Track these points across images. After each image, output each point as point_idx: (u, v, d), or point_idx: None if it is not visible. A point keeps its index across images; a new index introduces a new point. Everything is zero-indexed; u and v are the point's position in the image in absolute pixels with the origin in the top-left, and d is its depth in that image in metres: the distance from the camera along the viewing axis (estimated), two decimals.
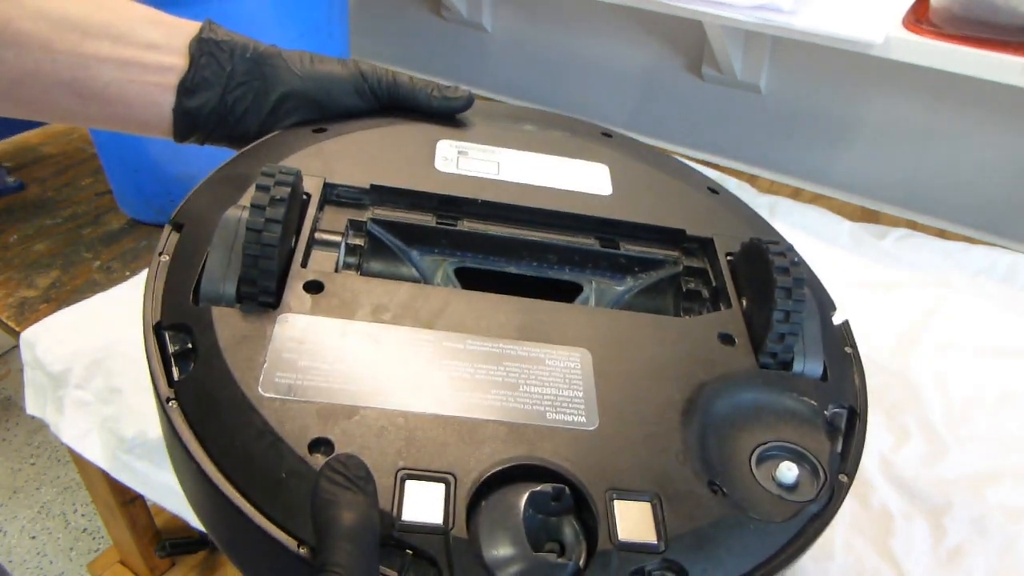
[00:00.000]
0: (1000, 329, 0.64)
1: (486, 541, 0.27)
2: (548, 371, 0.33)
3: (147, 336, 0.31)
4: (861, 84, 0.84)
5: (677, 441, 0.31)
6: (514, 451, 0.29)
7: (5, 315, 0.68)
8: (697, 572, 0.28)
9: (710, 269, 0.41)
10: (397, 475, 0.28)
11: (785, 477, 0.31)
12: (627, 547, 0.27)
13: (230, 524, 0.28)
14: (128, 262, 0.75)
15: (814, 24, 0.68)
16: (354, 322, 0.32)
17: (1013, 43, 0.64)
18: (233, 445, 0.28)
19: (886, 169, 0.88)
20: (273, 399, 0.29)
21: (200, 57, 0.40)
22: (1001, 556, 0.47)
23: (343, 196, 0.39)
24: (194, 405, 0.29)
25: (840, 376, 0.36)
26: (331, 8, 0.81)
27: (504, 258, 0.41)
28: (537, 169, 0.44)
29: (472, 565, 0.26)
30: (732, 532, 0.29)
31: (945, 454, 0.53)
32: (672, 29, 0.94)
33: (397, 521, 0.26)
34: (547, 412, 0.31)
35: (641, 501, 0.29)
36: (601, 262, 0.41)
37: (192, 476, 0.29)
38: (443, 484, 0.28)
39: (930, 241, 0.76)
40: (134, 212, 0.81)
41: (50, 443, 1.54)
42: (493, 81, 1.15)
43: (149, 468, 0.55)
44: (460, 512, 0.27)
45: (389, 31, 1.23)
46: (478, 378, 0.32)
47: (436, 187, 0.41)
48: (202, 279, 0.32)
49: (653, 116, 1.02)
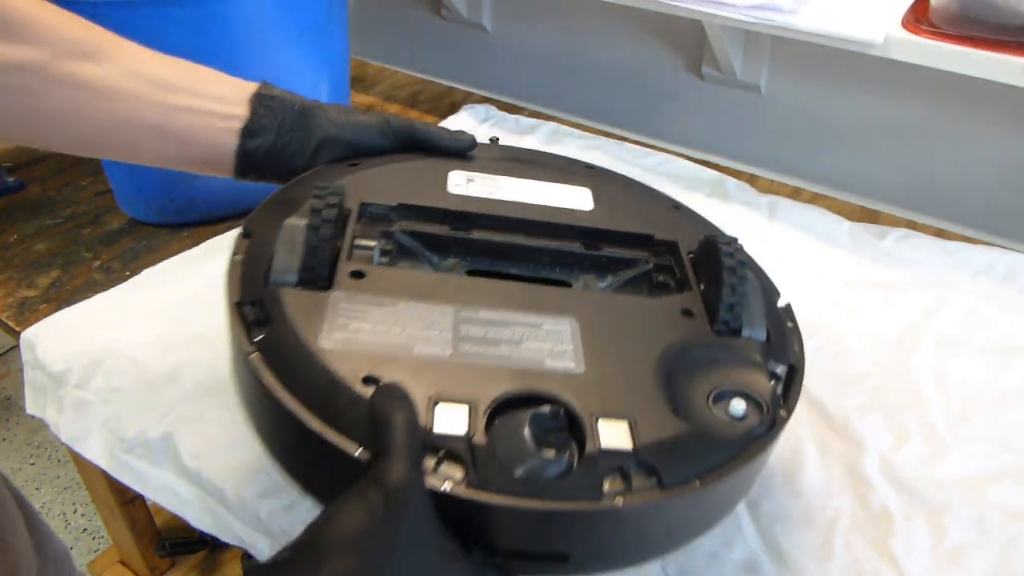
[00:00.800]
0: (1000, 329, 0.64)
1: (500, 444, 0.35)
2: (544, 333, 0.41)
3: (230, 310, 0.40)
4: (861, 84, 0.85)
5: (648, 382, 0.39)
6: (520, 385, 0.37)
7: (5, 315, 0.68)
8: (664, 471, 0.36)
9: (675, 265, 0.50)
10: (429, 401, 0.36)
11: (736, 410, 0.39)
12: (609, 452, 0.35)
13: (301, 442, 0.36)
14: (128, 262, 0.75)
15: (814, 24, 0.68)
16: (390, 298, 0.41)
17: (1013, 43, 0.64)
18: (303, 383, 0.36)
19: (886, 169, 0.88)
20: (331, 350, 0.37)
21: (259, 108, 0.49)
22: (1001, 556, 0.47)
23: (375, 213, 0.49)
24: (270, 357, 0.37)
25: (782, 342, 0.45)
26: (331, 8, 0.81)
27: (506, 260, 0.49)
28: (531, 191, 0.53)
29: (490, 460, 0.34)
30: (692, 444, 0.37)
31: (945, 454, 0.53)
32: (672, 29, 0.94)
33: (430, 434, 0.34)
34: (544, 360, 0.39)
35: (620, 420, 0.37)
36: (585, 263, 0.50)
37: (270, 410, 0.37)
38: (466, 406, 0.36)
39: (930, 241, 0.76)
40: (134, 212, 0.81)
41: (50, 443, 1.55)
42: (493, 81, 1.15)
43: (149, 468, 0.55)
44: (479, 426, 0.35)
45: (389, 31, 1.23)
46: (489, 336, 0.40)
47: (450, 205, 0.50)
48: (271, 268, 0.41)
49: (653, 116, 1.02)
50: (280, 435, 0.39)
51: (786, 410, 0.41)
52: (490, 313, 0.42)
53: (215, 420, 0.55)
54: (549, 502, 0.34)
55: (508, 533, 0.35)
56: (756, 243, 0.75)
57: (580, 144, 0.93)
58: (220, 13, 0.69)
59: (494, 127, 0.98)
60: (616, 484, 0.35)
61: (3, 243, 0.78)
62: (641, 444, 0.36)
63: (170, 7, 0.66)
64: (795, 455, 0.53)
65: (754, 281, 0.46)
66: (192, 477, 0.53)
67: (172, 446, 0.54)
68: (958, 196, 0.84)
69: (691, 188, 0.84)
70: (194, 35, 0.69)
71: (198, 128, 0.48)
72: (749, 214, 0.80)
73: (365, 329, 0.39)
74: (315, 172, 0.51)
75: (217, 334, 0.64)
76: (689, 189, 0.84)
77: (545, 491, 0.34)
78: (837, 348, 0.62)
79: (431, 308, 0.41)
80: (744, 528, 0.49)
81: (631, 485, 0.35)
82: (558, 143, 0.93)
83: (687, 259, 0.49)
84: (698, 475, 0.37)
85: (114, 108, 0.46)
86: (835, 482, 0.52)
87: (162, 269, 0.71)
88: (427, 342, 0.39)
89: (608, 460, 0.35)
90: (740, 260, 0.44)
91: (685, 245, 0.50)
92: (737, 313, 0.44)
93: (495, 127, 0.98)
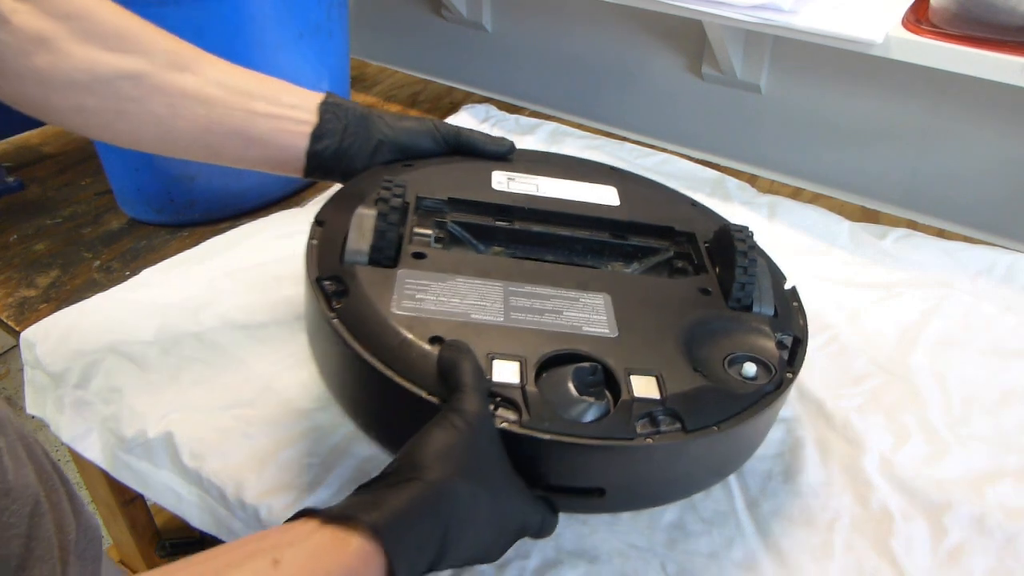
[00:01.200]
0: (1000, 329, 0.64)
1: (548, 392, 0.42)
2: (581, 305, 0.48)
3: (311, 284, 0.46)
4: (861, 84, 0.85)
5: (672, 346, 0.46)
6: (563, 346, 0.44)
7: (5, 315, 0.68)
8: (687, 417, 0.42)
9: (693, 253, 0.56)
10: (487, 357, 0.43)
11: (748, 371, 0.46)
12: (640, 400, 0.42)
13: (378, 392, 0.43)
14: (128, 262, 0.75)
15: (814, 24, 0.68)
16: (448, 275, 0.48)
17: (1013, 43, 0.64)
18: (379, 343, 0.42)
19: (886, 169, 0.88)
20: (401, 315, 0.44)
21: (326, 114, 0.55)
22: (1001, 556, 0.47)
23: (429, 206, 0.56)
24: (349, 322, 0.44)
25: (788, 317, 0.51)
26: (331, 8, 0.81)
27: (544, 248, 0.56)
28: (565, 189, 0.60)
29: (540, 403, 0.41)
30: (710, 397, 0.43)
31: (945, 454, 0.53)
32: (672, 29, 0.94)
33: (490, 382, 0.41)
34: (583, 327, 0.46)
35: (649, 376, 0.44)
36: (614, 250, 0.57)
37: (351, 367, 0.44)
38: (518, 362, 0.43)
39: (930, 241, 0.76)
40: (134, 212, 0.81)
41: (50, 443, 1.54)
42: (493, 81, 1.15)
43: (149, 468, 0.55)
44: (530, 377, 0.42)
45: (389, 31, 1.23)
46: (535, 307, 0.47)
47: (494, 199, 0.57)
48: (345, 249, 0.47)
49: (653, 116, 1.02)
50: (359, 388, 0.45)
51: (792, 372, 0.47)
52: (534, 288, 0.49)
53: (215, 420, 0.55)
54: (591, 439, 0.40)
55: (555, 467, 0.42)
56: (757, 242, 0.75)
57: (580, 144, 0.93)
58: (220, 13, 0.69)
59: (494, 127, 0.98)
60: (646, 427, 0.42)
61: (3, 243, 0.78)
62: (667, 395, 0.43)
63: (170, 7, 0.66)
64: (795, 455, 0.53)
65: (763, 264, 0.53)
66: (192, 477, 0.53)
67: (172, 446, 0.54)
68: (958, 196, 0.84)
69: (691, 188, 0.84)
70: (194, 35, 0.68)
71: (277, 132, 0.54)
72: (749, 214, 0.80)
73: (428, 300, 0.45)
74: (374, 171, 0.57)
75: (217, 334, 0.64)
76: (689, 189, 0.84)
77: (588, 429, 0.41)
78: (837, 348, 0.63)
79: (484, 283, 0.48)
80: (744, 528, 0.49)
81: (659, 428, 0.42)
82: (558, 143, 0.93)
83: (704, 247, 0.55)
84: (716, 422, 0.43)
85: (207, 113, 0.52)
86: (835, 482, 0.52)
87: (162, 269, 0.71)
88: (482, 311, 0.46)
89: (640, 406, 0.42)
90: (751, 245, 0.51)
91: (702, 236, 0.57)
92: (748, 291, 0.50)
93: (495, 127, 0.98)
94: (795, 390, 0.58)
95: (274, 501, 0.50)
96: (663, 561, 0.46)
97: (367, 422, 0.46)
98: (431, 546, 0.35)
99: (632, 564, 0.46)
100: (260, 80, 0.55)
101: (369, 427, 0.46)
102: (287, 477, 0.52)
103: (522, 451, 0.41)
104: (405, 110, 1.06)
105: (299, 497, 0.50)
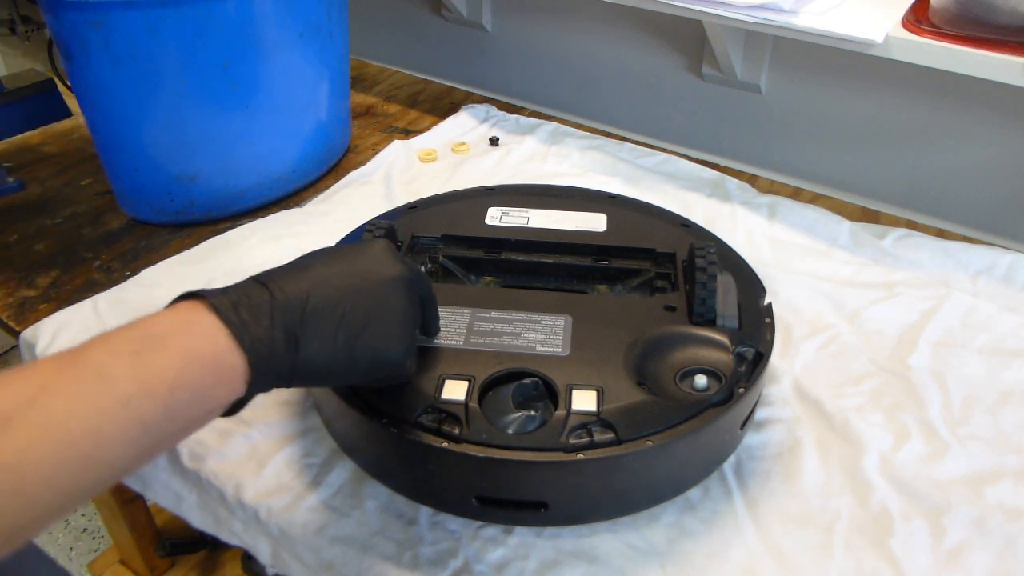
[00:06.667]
0: (1000, 329, 0.64)
1: (489, 408, 0.46)
2: (541, 327, 0.52)
3: None
4: (861, 84, 0.84)
5: (620, 361, 0.49)
6: (513, 365, 0.48)
7: (5, 315, 0.68)
8: (621, 429, 0.44)
9: (672, 272, 0.59)
10: (439, 378, 0.47)
11: (699, 383, 0.47)
12: (576, 413, 0.45)
13: (342, 413, 0.49)
14: (128, 262, 0.75)
15: (814, 24, 0.68)
16: None
17: (1012, 43, 0.64)
18: None
19: (886, 169, 0.88)
20: None
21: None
22: (1001, 556, 0.47)
23: (425, 244, 0.61)
24: None
25: (755, 332, 0.52)
26: (331, 8, 0.81)
27: (531, 276, 0.61)
28: (555, 219, 0.65)
29: (480, 419, 0.45)
30: (648, 409, 0.45)
31: (945, 454, 0.53)
32: (672, 29, 0.94)
33: (438, 400, 0.46)
34: (536, 347, 0.50)
35: (589, 390, 0.46)
36: (596, 274, 0.61)
37: (321, 393, 0.51)
38: (467, 381, 0.47)
39: (930, 241, 0.76)
40: (134, 212, 0.81)
41: None
42: (493, 81, 1.15)
43: (149, 468, 0.55)
44: (475, 395, 0.46)
45: (389, 31, 1.23)
46: (495, 330, 0.52)
47: (486, 233, 0.62)
48: None
49: (653, 116, 1.02)
50: (327, 411, 0.53)
51: (745, 386, 0.48)
52: (500, 314, 0.53)
53: (214, 421, 0.55)
54: (524, 451, 0.43)
55: (497, 478, 0.44)
56: (756, 243, 0.75)
57: (580, 144, 0.93)
58: (220, 13, 0.69)
59: (494, 127, 0.98)
60: (581, 438, 0.44)
61: (3, 243, 0.78)
62: (604, 408, 0.45)
63: (169, 7, 0.66)
64: (795, 455, 0.53)
65: (730, 279, 0.55)
66: (192, 477, 0.53)
67: None
68: (958, 196, 0.84)
69: (691, 188, 0.84)
70: (194, 35, 0.69)
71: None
72: (749, 214, 0.79)
73: None
74: (373, 220, 0.62)
75: None
76: (689, 189, 0.84)
77: (520, 441, 0.43)
78: (837, 348, 0.62)
79: (453, 311, 0.53)
80: (744, 528, 0.49)
81: (593, 439, 0.44)
82: (558, 143, 0.93)
83: (680, 266, 0.58)
84: (650, 433, 0.44)
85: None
86: (835, 482, 0.52)
87: (162, 269, 0.71)
88: (445, 336, 0.51)
89: (575, 419, 0.44)
90: (711, 261, 0.53)
91: (681, 255, 0.59)
92: (709, 306, 0.52)
93: (495, 127, 0.98)
94: (795, 390, 0.58)
95: (274, 501, 0.50)
96: (663, 561, 0.46)
97: (341, 443, 0.53)
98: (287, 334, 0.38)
99: (632, 564, 0.46)
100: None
101: (346, 449, 0.52)
102: (287, 477, 0.52)
103: (464, 463, 0.43)
104: (405, 110, 1.06)
105: (299, 497, 0.50)
